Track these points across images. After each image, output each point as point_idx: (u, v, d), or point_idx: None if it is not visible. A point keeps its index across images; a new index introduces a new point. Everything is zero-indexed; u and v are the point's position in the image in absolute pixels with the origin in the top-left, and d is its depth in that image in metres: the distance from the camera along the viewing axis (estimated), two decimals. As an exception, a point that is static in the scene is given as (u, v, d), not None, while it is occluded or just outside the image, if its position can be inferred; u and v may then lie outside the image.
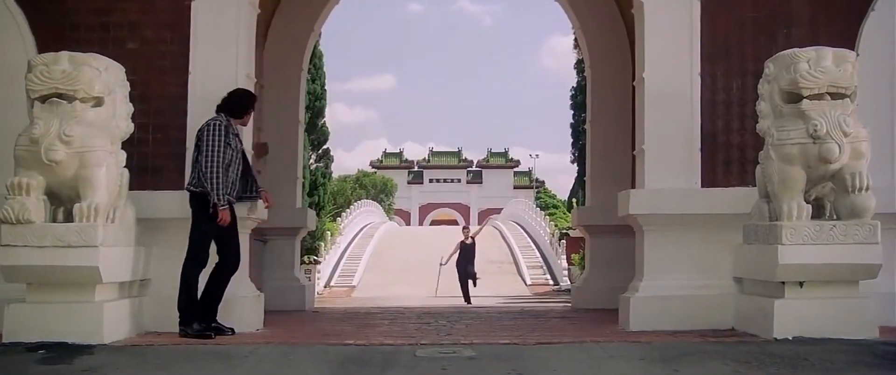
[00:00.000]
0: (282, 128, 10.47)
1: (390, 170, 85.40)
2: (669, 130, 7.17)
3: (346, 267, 30.61)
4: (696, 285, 7.03)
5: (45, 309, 6.06)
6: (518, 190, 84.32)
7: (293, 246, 10.54)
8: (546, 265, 30.90)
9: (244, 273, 6.94)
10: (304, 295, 10.32)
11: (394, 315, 9.23)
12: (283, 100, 10.51)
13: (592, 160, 10.77)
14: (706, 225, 7.09)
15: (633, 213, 7.19)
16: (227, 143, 6.53)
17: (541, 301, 17.22)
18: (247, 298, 7.09)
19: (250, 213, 7.03)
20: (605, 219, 9.91)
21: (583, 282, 10.71)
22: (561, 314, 9.36)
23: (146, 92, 7.06)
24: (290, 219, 10.30)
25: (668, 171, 7.15)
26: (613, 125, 10.34)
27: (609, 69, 10.48)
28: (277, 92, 10.35)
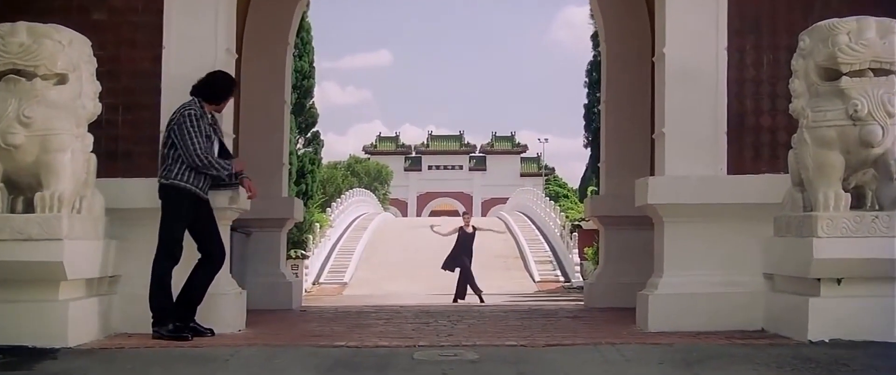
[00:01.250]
0: (266, 109, 10.44)
1: (385, 156, 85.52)
2: (692, 111, 7.14)
3: (337, 263, 30.67)
4: (722, 282, 7.02)
5: (2, 309, 6.03)
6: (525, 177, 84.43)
7: (278, 240, 10.53)
8: (556, 260, 30.95)
9: (224, 268, 6.93)
10: (291, 292, 10.32)
11: (389, 314, 9.22)
12: (267, 78, 10.48)
13: (607, 144, 10.75)
14: (733, 216, 7.07)
15: (652, 203, 7.17)
16: (201, 132, 6.49)
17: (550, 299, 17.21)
18: (227, 296, 7.07)
19: (231, 203, 7.01)
20: (621, 210, 9.89)
21: (596, 278, 10.71)
22: (572, 313, 9.35)
23: (115, 68, 7.02)
24: (276, 210, 10.29)
25: (690, 157, 7.13)
26: (631, 106, 10.31)
27: (626, 43, 10.45)
28: (260, 69, 10.31)
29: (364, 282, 27.29)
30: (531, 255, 31.43)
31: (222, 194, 6.93)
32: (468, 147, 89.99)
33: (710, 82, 7.14)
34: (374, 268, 29.81)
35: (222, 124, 7.00)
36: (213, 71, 6.75)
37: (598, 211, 10.69)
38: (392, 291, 23.18)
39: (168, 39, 7.03)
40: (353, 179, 69.31)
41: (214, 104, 6.74)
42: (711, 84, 7.14)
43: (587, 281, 11.36)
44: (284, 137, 10.71)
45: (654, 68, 7.76)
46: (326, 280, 28.31)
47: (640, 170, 9.40)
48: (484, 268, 28.66)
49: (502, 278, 27.83)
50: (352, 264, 30.49)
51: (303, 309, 10.27)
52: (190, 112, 6.53)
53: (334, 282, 27.75)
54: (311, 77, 26.08)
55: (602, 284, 10.43)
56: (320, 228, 29.56)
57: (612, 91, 10.68)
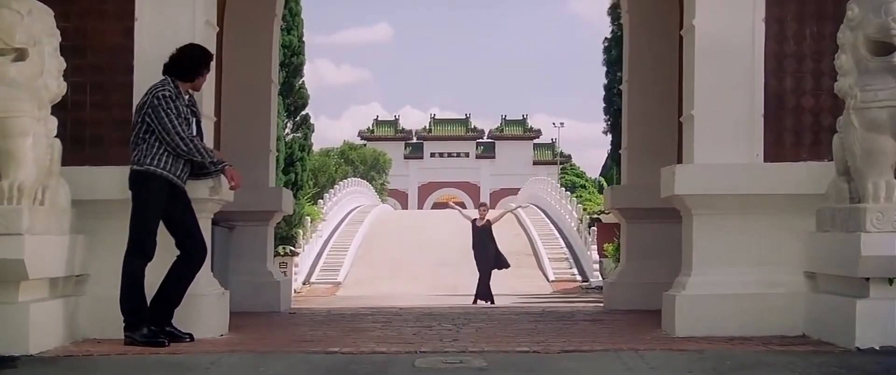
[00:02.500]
0: (250, 90, 10.41)
1: (384, 142, 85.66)
2: (725, 91, 7.11)
3: (330, 260, 30.73)
4: (758, 281, 7.00)
5: (-42, 311, 6.01)
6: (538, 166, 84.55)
7: (265, 235, 10.54)
8: (573, 257, 31.00)
9: (205, 267, 6.92)
10: (279, 293, 10.32)
11: (388, 317, 9.22)
12: (252, 54, 10.45)
13: (629, 129, 10.73)
14: (770, 208, 7.05)
15: (680, 194, 7.15)
16: (180, 114, 6.46)
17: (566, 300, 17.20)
18: (208, 297, 7.06)
19: (212, 194, 6.99)
20: (644, 201, 9.89)
21: (617, 278, 10.71)
22: (591, 316, 9.35)
23: (81, 43, 6.99)
24: (262, 202, 10.29)
25: (723, 142, 7.12)
26: (656, 85, 10.29)
27: (651, 15, 10.42)
28: (244, 44, 10.28)
29: (360, 282, 27.32)
30: (545, 252, 31.47)
31: (202, 184, 6.91)
32: (475, 132, 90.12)
33: (745, 58, 7.11)
34: (371, 266, 29.86)
35: (202, 107, 6.97)
36: (184, 45, 6.71)
37: (620, 202, 10.68)
38: (391, 291, 23.19)
39: (141, 10, 7.01)
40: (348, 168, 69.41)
41: (189, 81, 6.71)
42: (746, 60, 7.11)
43: (607, 281, 11.38)
44: (271, 121, 10.69)
45: (682, 42, 7.73)
46: (318, 279, 28.37)
47: (667, 157, 9.36)
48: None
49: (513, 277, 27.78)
50: (346, 262, 30.55)
51: (292, 312, 10.28)
52: (163, 93, 6.50)
53: (327, 282, 27.80)
54: (301, 53, 26.01)
55: (623, 284, 10.43)
56: (311, 222, 29.60)
57: (634, 69, 10.66)
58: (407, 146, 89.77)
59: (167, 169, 6.53)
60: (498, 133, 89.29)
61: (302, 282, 27.09)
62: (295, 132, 27.00)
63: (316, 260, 30.28)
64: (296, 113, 27.06)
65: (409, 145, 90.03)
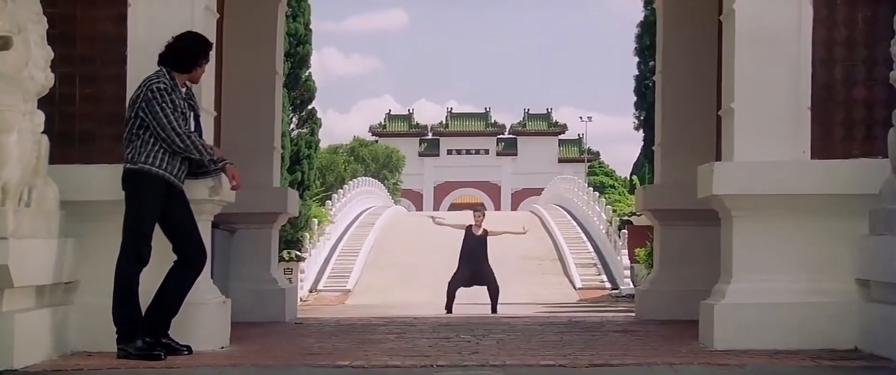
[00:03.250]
0: (253, 82, 10.45)
1: (397, 138, 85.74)
2: (768, 81, 7.06)
3: (339, 266, 30.77)
4: (805, 289, 6.96)
5: (-63, 321, 6.02)
6: (564, 163, 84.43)
7: (269, 238, 10.56)
8: (601, 262, 30.95)
9: (205, 273, 6.92)
10: (284, 301, 10.34)
11: (401, 327, 9.22)
12: (255, 44, 10.46)
13: (663, 123, 10.69)
14: (818, 210, 7.01)
15: (719, 194, 7.10)
16: (176, 108, 6.46)
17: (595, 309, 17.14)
18: (208, 306, 7.06)
19: (212, 194, 6.99)
20: (679, 202, 9.86)
21: (650, 285, 10.67)
22: (621, 326, 9.33)
23: (70, 30, 6.99)
24: (265, 203, 10.31)
25: (765, 137, 7.07)
26: (692, 75, 10.25)
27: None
28: (246, 32, 10.30)
29: (371, 289, 27.33)
30: (571, 257, 31.43)
31: (201, 183, 6.91)
32: (495, 127, 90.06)
33: (791, 45, 7.05)
34: (383, 273, 29.87)
35: (200, 100, 6.97)
36: (181, 33, 6.71)
37: (652, 203, 10.64)
38: (404, 300, 23.17)
39: (135, -4, 7.00)
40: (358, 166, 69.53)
41: (186, 72, 6.70)
42: (792, 47, 7.05)
43: (639, 289, 11.34)
44: (275, 116, 10.71)
45: (721, 28, 7.68)
46: (326, 286, 28.41)
47: (704, 154, 9.35)
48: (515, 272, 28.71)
49: (537, 284, 27.81)
50: (356, 267, 30.58)
51: (298, 322, 10.29)
52: (158, 86, 6.49)
53: (335, 289, 27.83)
54: (308, 42, 26.07)
55: (657, 292, 10.40)
56: (318, 224, 29.65)
57: (669, 58, 10.62)
58: (422, 142, 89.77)
59: (163, 167, 6.52)
60: (520, 128, 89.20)
61: (308, 290, 27.12)
62: (301, 127, 27.05)
63: (323, 265, 30.32)
64: (302, 107, 27.11)
65: (425, 141, 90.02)
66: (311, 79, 27.30)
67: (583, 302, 24.20)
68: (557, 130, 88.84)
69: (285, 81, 20.37)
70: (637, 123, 26.28)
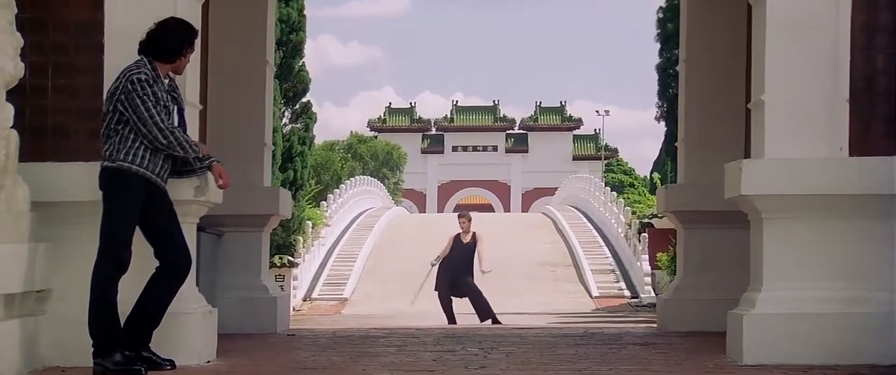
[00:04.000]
0: (241, 73, 10.43)
1: (398, 134, 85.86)
2: (803, 71, 7.04)
3: (335, 272, 30.82)
4: (843, 298, 6.94)
5: None
6: (579, 161, 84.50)
7: (259, 243, 10.56)
8: (620, 269, 30.96)
9: (190, 280, 6.90)
10: (275, 310, 10.34)
11: (403, 339, 9.22)
12: (243, 31, 10.46)
13: (687, 117, 10.69)
14: (856, 211, 6.99)
15: (748, 194, 7.08)
16: (158, 101, 6.45)
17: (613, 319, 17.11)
18: (193, 316, 7.05)
19: (198, 195, 6.98)
20: (705, 203, 9.85)
21: (673, 293, 10.66)
22: (642, 338, 9.33)
23: (42, 16, 6.97)
24: (255, 204, 10.31)
25: (799, 132, 7.05)
26: (719, 65, 10.25)
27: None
28: (234, 19, 10.30)
29: (369, 298, 27.34)
30: (587, 263, 31.44)
31: (186, 183, 6.89)
32: (505, 122, 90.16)
33: (828, 31, 7.02)
34: (383, 280, 29.88)
35: (185, 93, 6.96)
36: (163, 19, 6.69)
37: (676, 204, 10.63)
38: (406, 309, 23.16)
39: (113, -21, 7.00)
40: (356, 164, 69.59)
41: (169, 63, 6.68)
42: (829, 34, 7.02)
43: (661, 297, 11.33)
44: (266, 110, 10.70)
45: (750, 13, 7.65)
46: (321, 294, 28.45)
47: (732, 151, 9.33)
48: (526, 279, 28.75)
49: (550, 292, 27.82)
50: (353, 274, 30.61)
51: (290, 333, 10.30)
52: (138, 77, 6.47)
53: (331, 298, 27.86)
54: (302, 29, 26.03)
55: (680, 300, 10.40)
56: (313, 227, 29.67)
57: (693, 46, 10.61)
58: (425, 138, 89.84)
59: (144, 165, 6.51)
60: (531, 123, 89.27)
61: (302, 299, 27.16)
62: (294, 122, 27.04)
63: (318, 272, 30.36)
64: (295, 100, 27.08)
65: (428, 137, 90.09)
66: (304, 70, 27.28)
67: (599, 311, 24.19)
68: (572, 125, 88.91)
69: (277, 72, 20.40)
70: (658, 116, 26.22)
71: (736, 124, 9.79)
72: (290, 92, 26.49)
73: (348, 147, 73.84)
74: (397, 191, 74.08)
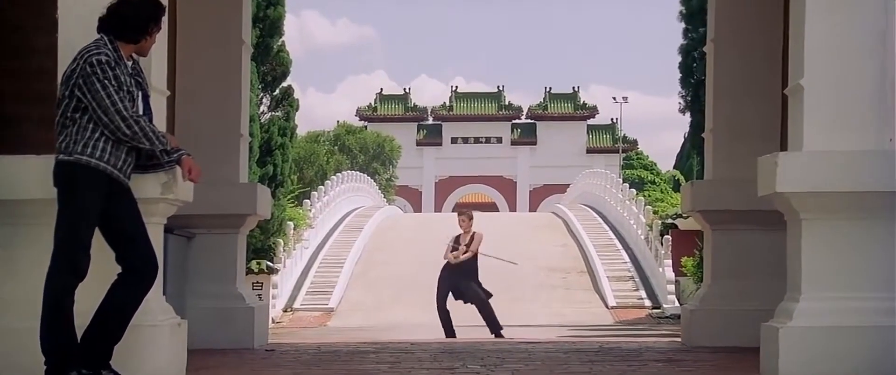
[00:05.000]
0: (214, 54, 10.45)
1: (391, 124, 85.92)
2: (847, 52, 7.04)
3: (320, 279, 30.82)
4: (889, 309, 6.92)
5: None
6: (594, 154, 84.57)
7: (235, 246, 10.58)
8: (640, 275, 31.00)
9: (155, 288, 6.89)
10: (252, 322, 10.37)
11: (396, 354, 9.23)
12: (215, 6, 10.47)
13: (716, 104, 10.69)
14: (907, 211, 6.98)
15: (783, 191, 7.08)
16: (121, 87, 6.43)
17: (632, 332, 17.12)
18: (159, 329, 7.05)
19: (165, 192, 6.97)
20: (736, 201, 9.88)
21: (700, 303, 10.67)
22: (665, 354, 9.33)
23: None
24: (230, 202, 10.33)
25: (843, 122, 7.05)
26: (751, 45, 10.26)
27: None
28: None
29: (358, 308, 27.36)
30: (602, 269, 31.47)
31: (151, 179, 6.88)
32: (510, 110, 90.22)
33: (876, 7, 7.01)
34: (374, 288, 29.92)
35: (150, 77, 6.94)
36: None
37: (702, 203, 10.63)
38: (399, 321, 23.18)
39: (68, -52, 7.00)
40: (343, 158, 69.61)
41: (133, 43, 6.67)
42: (877, 10, 7.01)
43: (686, 307, 11.32)
44: (242, 96, 10.72)
45: (787, -11, 7.65)
46: (304, 304, 28.46)
47: (766, 142, 9.37)
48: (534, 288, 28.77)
49: (561, 301, 27.85)
50: (341, 281, 30.63)
51: (269, 348, 10.32)
52: (98, 58, 6.45)
53: (316, 308, 27.88)
54: (281, 3, 26.02)
55: (708, 311, 10.41)
56: (295, 229, 29.67)
57: (723, 22, 10.61)
58: (421, 129, 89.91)
59: (105, 159, 6.49)
60: (540, 111, 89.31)
61: (282, 309, 27.17)
62: (273, 110, 27.04)
63: (301, 279, 30.37)
64: (274, 85, 27.08)
65: (424, 128, 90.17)
66: (284, 51, 27.27)
67: (617, 324, 24.21)
68: (586, 113, 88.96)
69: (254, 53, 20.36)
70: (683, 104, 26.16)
71: (771, 112, 9.80)
72: (268, 76, 26.48)
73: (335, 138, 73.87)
74: (390, 188, 74.12)
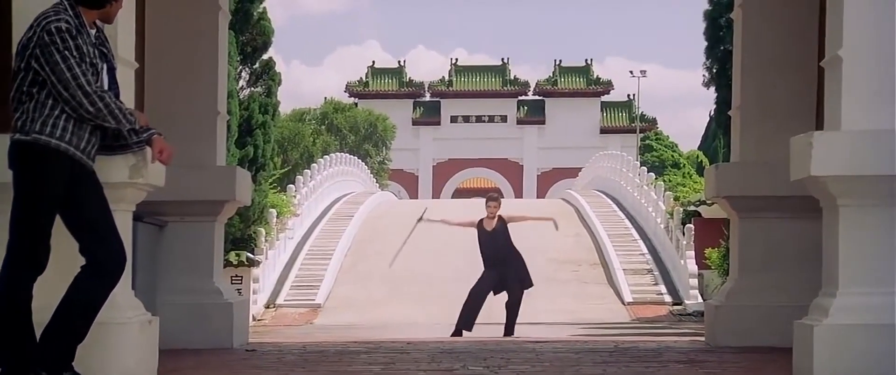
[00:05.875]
0: (187, 21, 10.45)
1: (384, 101, 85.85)
2: (889, 21, 7.01)
3: (305, 273, 30.81)
4: (936, 304, 6.93)
5: None
6: (609, 134, 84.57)
7: (211, 236, 10.59)
8: (659, 268, 31.01)
9: (123, 282, 6.89)
10: (231, 320, 10.38)
11: (389, 355, 9.26)
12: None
13: (744, 78, 10.67)
14: (957, 198, 7.00)
15: (819, 175, 7.09)
16: (83, 58, 6.42)
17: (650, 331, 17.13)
18: (127, 327, 7.06)
19: (134, 176, 6.96)
20: (766, 186, 9.91)
21: (725, 299, 10.66)
22: (686, 355, 9.36)
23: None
24: (206, 187, 10.33)
25: (885, 98, 7.04)
26: (784, 13, 10.27)
27: None
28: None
29: (348, 304, 27.35)
30: (618, 261, 31.47)
31: (119, 161, 6.88)
32: (516, 85, 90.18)
33: (922, -29, 7.02)
34: (365, 282, 29.89)
35: (116, 47, 6.94)
36: None
37: (729, 188, 10.60)
38: (393, 318, 23.19)
39: None
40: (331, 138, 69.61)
41: (97, 7, 6.65)
42: (923, -25, 7.02)
43: (710, 303, 11.32)
44: (218, 69, 10.71)
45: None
46: (288, 300, 28.45)
47: (800, 121, 9.37)
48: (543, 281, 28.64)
49: (572, 297, 27.84)
50: (328, 275, 30.63)
51: (250, 348, 10.33)
52: (57, 26, 6.43)
53: (301, 304, 27.87)
54: (262, -35, 25.99)
55: (734, 308, 10.41)
56: (278, 217, 29.66)
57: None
58: (417, 106, 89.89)
59: (67, 139, 6.48)
60: (549, 86, 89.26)
61: (264, 305, 27.17)
62: (253, 85, 27.00)
63: (285, 272, 30.36)
64: (254, 56, 27.00)
65: (421, 105, 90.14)
66: (266, 18, 27.19)
67: (634, 321, 24.23)
68: (600, 89, 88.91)
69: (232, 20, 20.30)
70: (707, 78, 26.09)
71: (805, 86, 9.79)
72: (247, 46, 26.41)
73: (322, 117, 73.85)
74: (383, 173, 74.13)
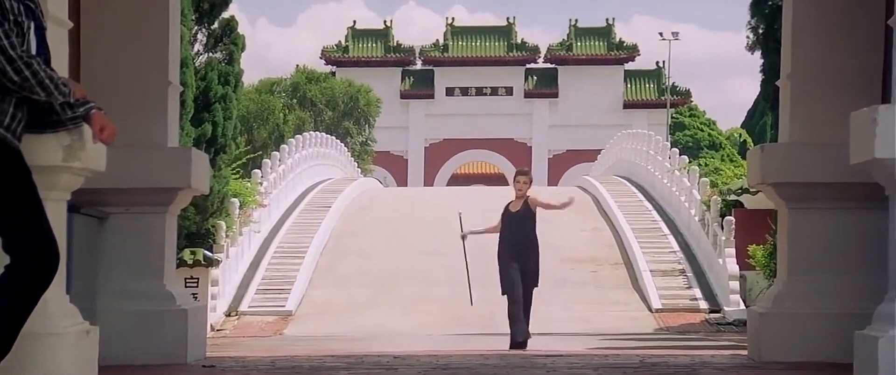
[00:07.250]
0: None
1: (367, 69, 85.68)
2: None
3: (275, 273, 30.81)
4: None
5: None
6: (633, 109, 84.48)
7: (162, 230, 10.59)
8: (693, 268, 30.98)
9: (57, 284, 6.88)
10: (185, 330, 10.38)
11: (374, 370, 9.29)
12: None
13: (796, 43, 10.66)
14: None
15: (884, 158, 7.10)
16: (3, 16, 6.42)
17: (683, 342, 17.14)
18: (62, 338, 7.07)
19: (69, 158, 6.96)
20: (820, 172, 9.93)
21: (772, 305, 10.65)
22: (726, 371, 9.40)
23: None
24: (155, 172, 10.33)
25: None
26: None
27: None
28: None
29: (324, 311, 27.37)
30: (644, 260, 31.44)
31: (51, 140, 6.88)
32: (524, 50, 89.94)
33: None
34: (344, 285, 29.92)
35: (46, 4, 6.93)
36: None
37: (776, 174, 10.59)
38: (378, 328, 23.21)
39: None
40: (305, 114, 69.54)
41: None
42: None
43: (754, 310, 11.33)
44: (169, 31, 10.70)
45: None
46: (253, 306, 28.44)
47: (861, 94, 9.37)
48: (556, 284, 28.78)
49: (590, 302, 27.87)
50: (301, 277, 30.60)
51: (207, 363, 10.32)
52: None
53: (268, 311, 27.86)
54: None
55: (783, 315, 10.40)
56: (242, 208, 29.65)
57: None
58: (407, 75, 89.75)
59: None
60: (563, 52, 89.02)
61: (225, 313, 27.16)
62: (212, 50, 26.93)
63: (249, 273, 30.34)
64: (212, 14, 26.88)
65: (411, 74, 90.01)
66: (226, -27, 27.18)
67: (663, 331, 24.25)
68: (623, 55, 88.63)
69: (186, -23, 20.29)
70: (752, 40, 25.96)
71: (869, 53, 9.77)
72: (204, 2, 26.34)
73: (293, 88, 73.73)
74: (366, 155, 74.08)
